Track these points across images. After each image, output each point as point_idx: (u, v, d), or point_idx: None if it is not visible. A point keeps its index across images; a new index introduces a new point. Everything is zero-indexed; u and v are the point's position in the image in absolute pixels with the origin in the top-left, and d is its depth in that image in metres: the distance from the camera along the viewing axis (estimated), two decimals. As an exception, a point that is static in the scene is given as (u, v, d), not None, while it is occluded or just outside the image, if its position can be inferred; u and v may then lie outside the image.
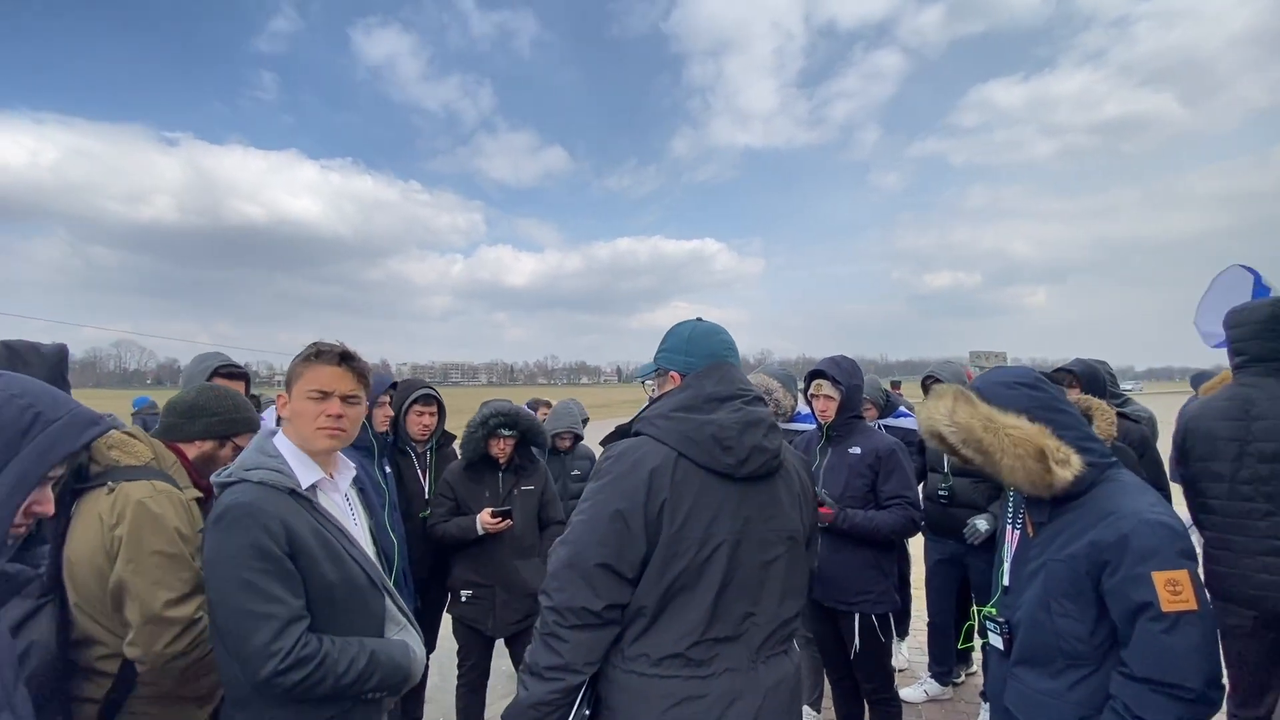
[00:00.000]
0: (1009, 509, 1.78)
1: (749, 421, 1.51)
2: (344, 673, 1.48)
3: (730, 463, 1.48)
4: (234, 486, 1.50)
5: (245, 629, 1.40)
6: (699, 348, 1.66)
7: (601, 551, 1.43)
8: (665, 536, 1.44)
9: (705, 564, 1.45)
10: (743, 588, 1.48)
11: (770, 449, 1.52)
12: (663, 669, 1.44)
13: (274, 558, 1.44)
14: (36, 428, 1.05)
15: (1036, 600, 1.56)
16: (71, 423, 1.09)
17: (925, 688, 3.78)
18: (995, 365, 2.22)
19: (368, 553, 1.70)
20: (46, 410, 1.07)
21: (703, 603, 1.45)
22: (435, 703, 3.72)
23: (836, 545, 2.80)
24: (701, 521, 1.46)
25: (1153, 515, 1.42)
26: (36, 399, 1.07)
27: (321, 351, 1.64)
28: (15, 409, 1.04)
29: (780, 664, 1.53)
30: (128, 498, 1.62)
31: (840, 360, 2.97)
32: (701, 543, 1.45)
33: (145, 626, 1.57)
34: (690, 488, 1.46)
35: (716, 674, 1.44)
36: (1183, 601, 1.35)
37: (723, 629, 1.46)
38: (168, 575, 1.61)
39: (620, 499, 1.45)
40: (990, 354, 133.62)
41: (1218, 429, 2.49)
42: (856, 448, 2.88)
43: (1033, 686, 1.57)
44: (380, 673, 1.56)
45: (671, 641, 1.44)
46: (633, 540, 1.43)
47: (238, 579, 1.41)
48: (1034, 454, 1.50)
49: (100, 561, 1.58)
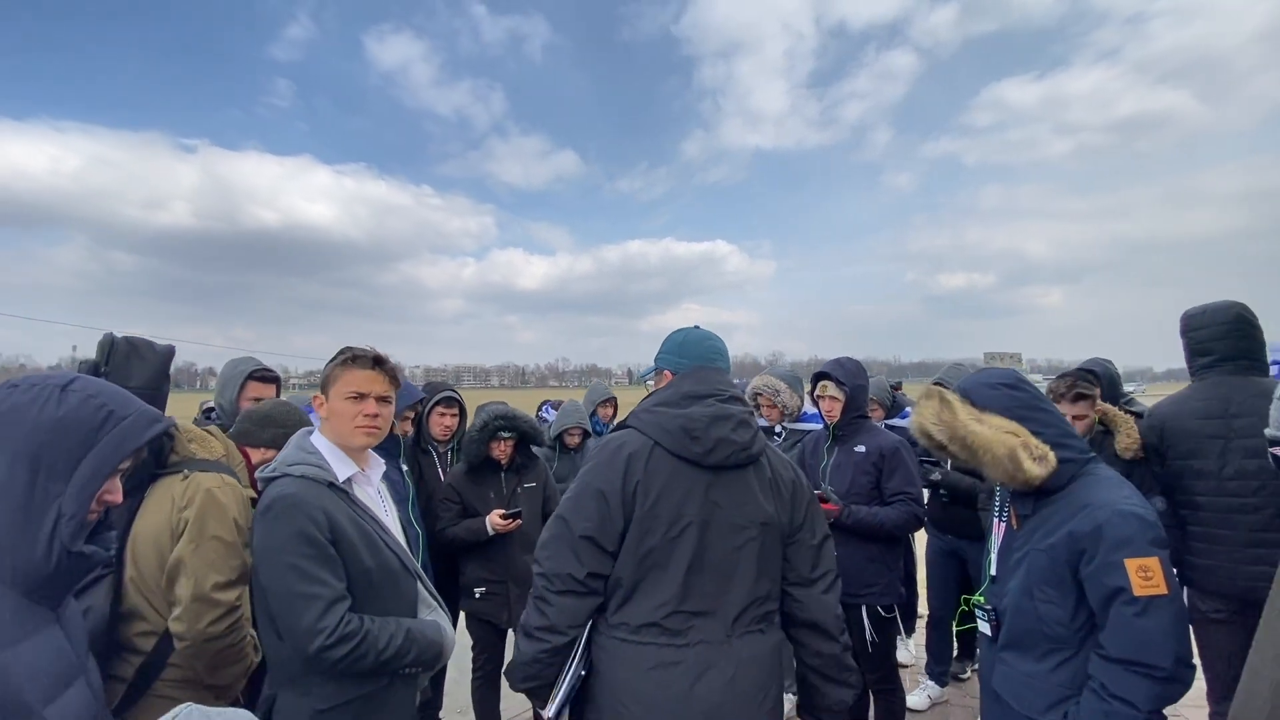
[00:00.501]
0: (996, 503, 1.87)
1: (718, 416, 1.68)
2: (384, 648, 1.62)
3: (697, 451, 1.65)
4: (278, 480, 1.64)
5: (295, 609, 1.54)
6: (689, 351, 1.85)
7: (585, 525, 1.62)
8: (639, 514, 1.62)
9: (675, 541, 1.62)
10: (715, 566, 1.63)
11: (737, 442, 1.67)
12: (641, 636, 1.60)
13: (318, 544, 1.58)
14: (109, 425, 1.18)
15: (1020, 588, 1.66)
16: (138, 420, 1.23)
17: (928, 692, 3.81)
18: (1009, 367, 2.31)
19: (400, 541, 1.84)
20: (118, 409, 1.21)
21: (674, 577, 1.61)
22: (452, 696, 3.85)
23: (842, 540, 2.89)
24: (671, 502, 1.63)
25: (1126, 506, 1.52)
26: (109, 399, 1.21)
27: (357, 356, 1.79)
28: (91, 408, 1.17)
29: (756, 641, 1.66)
30: (199, 485, 1.78)
31: (845, 362, 3.07)
32: (671, 521, 1.62)
33: (193, 604, 1.70)
34: (662, 472, 1.65)
35: (691, 644, 1.59)
36: (1154, 586, 1.44)
37: (696, 603, 1.61)
38: (221, 560, 1.75)
39: (602, 480, 1.65)
40: (1005, 355, 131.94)
41: (1200, 427, 2.57)
42: (862, 446, 2.98)
43: (1018, 669, 1.67)
44: (416, 649, 1.69)
45: (647, 611, 1.60)
46: (611, 516, 1.62)
47: (286, 564, 1.55)
48: (1006, 454, 1.60)
49: (164, 539, 1.73)
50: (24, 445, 1.09)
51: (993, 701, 1.76)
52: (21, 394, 1.14)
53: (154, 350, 2.08)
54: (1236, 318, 2.56)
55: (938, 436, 1.72)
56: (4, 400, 1.13)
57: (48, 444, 1.11)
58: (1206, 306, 2.68)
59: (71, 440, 1.13)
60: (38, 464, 1.09)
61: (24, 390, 1.14)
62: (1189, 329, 2.69)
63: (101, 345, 2.08)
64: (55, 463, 1.11)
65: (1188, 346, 2.71)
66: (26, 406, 1.12)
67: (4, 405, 1.12)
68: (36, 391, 1.14)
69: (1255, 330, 2.58)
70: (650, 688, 1.56)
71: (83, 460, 1.14)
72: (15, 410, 1.12)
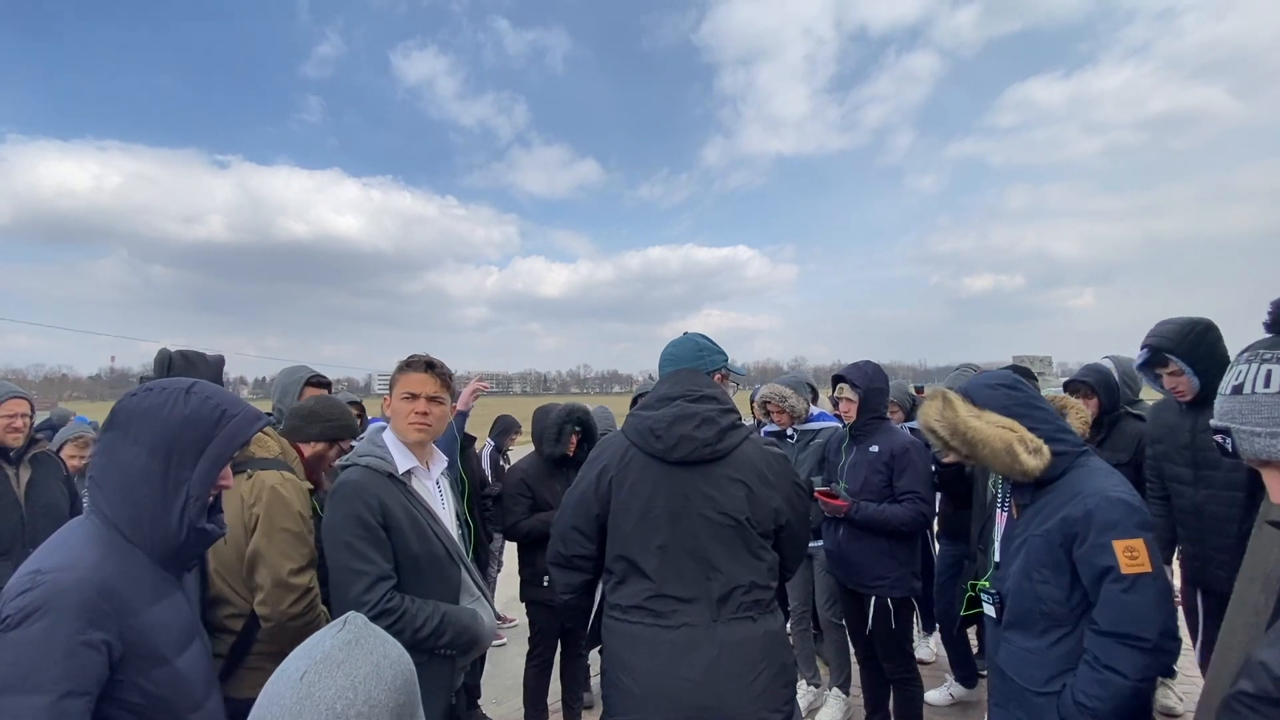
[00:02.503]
0: (999, 495, 2.02)
1: (680, 415, 1.85)
2: (420, 627, 1.81)
3: (660, 448, 1.84)
4: (348, 469, 1.88)
5: (345, 581, 1.77)
6: (671, 358, 2.06)
7: (571, 515, 1.93)
8: (614, 506, 1.86)
9: (648, 531, 1.82)
10: (690, 555, 1.80)
11: (699, 438, 1.83)
12: (631, 616, 1.81)
13: (370, 526, 1.81)
14: (224, 420, 1.40)
15: (1020, 571, 1.80)
16: (246, 417, 1.45)
17: (951, 690, 3.85)
18: (1040, 370, 2.46)
19: (451, 532, 2.04)
20: (230, 408, 1.43)
21: (649, 564, 1.80)
22: (489, 686, 4.05)
23: (855, 534, 3.08)
24: (641, 495, 1.84)
25: (1114, 493, 1.66)
26: (222, 399, 1.43)
27: (411, 362, 2.03)
28: (209, 407, 1.39)
29: (744, 627, 1.78)
30: (263, 483, 1.99)
31: (862, 365, 3.24)
32: (642, 513, 1.82)
33: (274, 589, 1.91)
34: (634, 468, 1.87)
35: (675, 626, 1.77)
36: (1139, 565, 1.58)
37: (677, 589, 1.78)
38: (292, 549, 1.96)
39: (585, 477, 1.93)
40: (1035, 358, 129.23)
41: (1176, 421, 2.74)
42: (876, 446, 3.14)
43: (1020, 646, 1.81)
44: (451, 632, 1.88)
45: (633, 595, 1.82)
46: (590, 507, 1.89)
47: (342, 541, 1.79)
48: (1003, 447, 1.75)
49: (238, 533, 1.94)
50: (160, 439, 1.32)
51: (999, 678, 1.90)
52: (155, 396, 1.36)
53: (206, 361, 2.26)
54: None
55: (941, 433, 1.87)
56: (143, 400, 1.35)
57: (178, 438, 1.33)
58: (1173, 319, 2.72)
59: (196, 434, 1.35)
60: (170, 454, 1.32)
61: (157, 394, 1.37)
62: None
63: (160, 360, 2.25)
64: (184, 453, 1.33)
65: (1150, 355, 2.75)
66: (160, 407, 1.35)
67: (144, 404, 1.35)
68: (167, 395, 1.37)
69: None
70: (639, 661, 1.76)
71: (204, 451, 1.36)
72: (152, 409, 1.34)
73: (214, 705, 1.40)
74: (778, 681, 1.79)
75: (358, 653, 0.79)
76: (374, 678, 0.78)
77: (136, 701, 1.23)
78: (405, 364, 2.03)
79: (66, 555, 1.22)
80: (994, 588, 1.93)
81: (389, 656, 0.82)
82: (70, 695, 1.11)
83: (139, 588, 1.27)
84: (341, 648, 0.79)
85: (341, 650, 0.79)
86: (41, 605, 1.13)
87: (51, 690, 1.09)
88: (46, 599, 1.14)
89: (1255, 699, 0.89)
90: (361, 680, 0.77)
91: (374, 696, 0.77)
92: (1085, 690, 1.61)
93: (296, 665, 0.78)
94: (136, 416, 1.33)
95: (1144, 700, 1.63)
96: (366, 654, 0.80)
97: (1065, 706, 1.65)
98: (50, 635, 1.12)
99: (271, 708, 0.75)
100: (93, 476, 1.33)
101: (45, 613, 1.13)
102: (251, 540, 1.93)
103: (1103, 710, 1.57)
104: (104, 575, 1.21)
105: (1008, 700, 1.84)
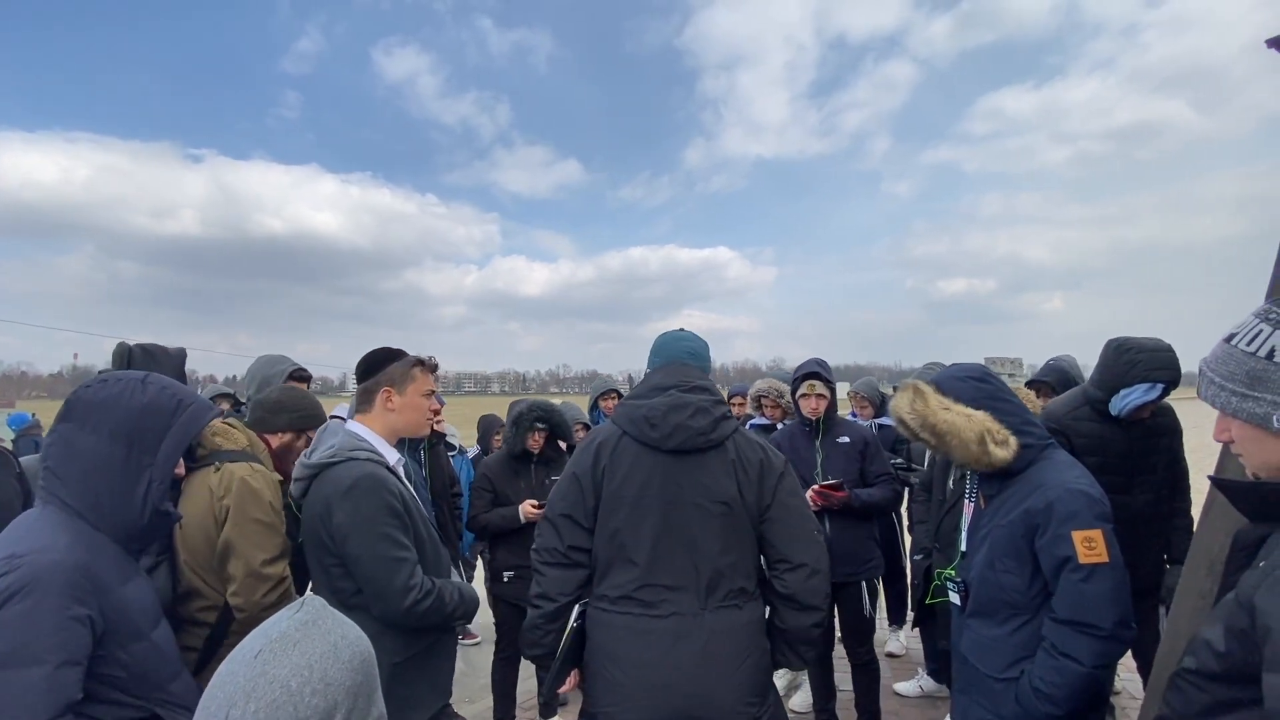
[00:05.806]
0: (967, 486, 2.06)
1: (675, 404, 1.86)
2: (448, 603, 1.87)
3: (655, 436, 1.84)
4: (345, 464, 1.83)
5: (389, 571, 1.76)
6: (663, 350, 2.04)
7: (564, 505, 1.88)
8: (606, 494, 1.84)
9: (640, 519, 1.81)
10: (680, 543, 1.80)
11: (694, 427, 1.84)
12: (619, 607, 1.80)
13: (399, 515, 1.83)
14: (181, 410, 1.42)
15: (985, 560, 1.84)
16: (200, 407, 1.47)
17: (921, 683, 3.90)
18: (1011, 371, 2.50)
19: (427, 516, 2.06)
20: (185, 398, 1.45)
21: (640, 552, 1.80)
22: (460, 686, 4.02)
23: (844, 525, 3.18)
24: (634, 483, 1.83)
25: (1075, 485, 1.70)
26: (178, 390, 1.45)
27: (433, 364, 2.10)
28: (166, 396, 1.41)
29: (731, 615, 1.80)
30: (232, 474, 1.96)
31: (824, 362, 3.37)
32: (635, 501, 1.82)
33: (246, 580, 1.90)
34: (627, 457, 1.86)
35: (664, 615, 1.77)
36: (1097, 555, 1.62)
37: (666, 578, 1.79)
38: (264, 539, 1.95)
39: (577, 466, 1.90)
40: (1006, 360, 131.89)
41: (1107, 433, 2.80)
42: (845, 437, 3.28)
43: (982, 634, 1.85)
44: (464, 605, 1.96)
45: (621, 584, 1.81)
46: (584, 495, 1.86)
47: (380, 533, 1.77)
48: (974, 438, 1.78)
49: (209, 526, 1.91)
50: (120, 426, 1.32)
51: (961, 664, 1.94)
52: (111, 387, 1.37)
53: (168, 354, 2.22)
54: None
55: (911, 424, 1.90)
56: (99, 391, 1.36)
57: (139, 424, 1.34)
58: None
59: (157, 421, 1.36)
60: (132, 441, 1.33)
61: (113, 384, 1.38)
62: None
63: (118, 354, 2.19)
64: (146, 439, 1.34)
65: None
66: (119, 396, 1.35)
67: (100, 395, 1.35)
68: (124, 385, 1.38)
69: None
70: (627, 652, 1.75)
71: (164, 437, 1.36)
72: (110, 399, 1.35)
73: (188, 677, 1.47)
74: (759, 668, 1.83)
75: (314, 632, 0.79)
76: (330, 656, 0.77)
77: (118, 675, 1.27)
78: (428, 365, 2.08)
79: (39, 539, 1.25)
80: (959, 576, 1.97)
81: (347, 637, 0.82)
82: (66, 664, 1.16)
83: (110, 568, 1.30)
84: (299, 627, 0.79)
85: (299, 630, 0.78)
86: (25, 585, 1.17)
87: (48, 660, 1.14)
88: (30, 579, 1.17)
89: (1198, 675, 0.92)
90: (318, 659, 0.76)
91: (330, 675, 0.76)
92: (1042, 676, 1.64)
93: (253, 644, 0.78)
94: (94, 407, 1.34)
95: (1099, 686, 1.68)
96: (324, 634, 0.79)
97: (1023, 692, 1.68)
98: (38, 611, 1.16)
99: (226, 686, 0.74)
100: (49, 466, 1.33)
101: (30, 591, 1.16)
102: (223, 532, 1.91)
103: (1059, 696, 1.61)
104: (78, 556, 1.24)
105: (970, 686, 1.88)
